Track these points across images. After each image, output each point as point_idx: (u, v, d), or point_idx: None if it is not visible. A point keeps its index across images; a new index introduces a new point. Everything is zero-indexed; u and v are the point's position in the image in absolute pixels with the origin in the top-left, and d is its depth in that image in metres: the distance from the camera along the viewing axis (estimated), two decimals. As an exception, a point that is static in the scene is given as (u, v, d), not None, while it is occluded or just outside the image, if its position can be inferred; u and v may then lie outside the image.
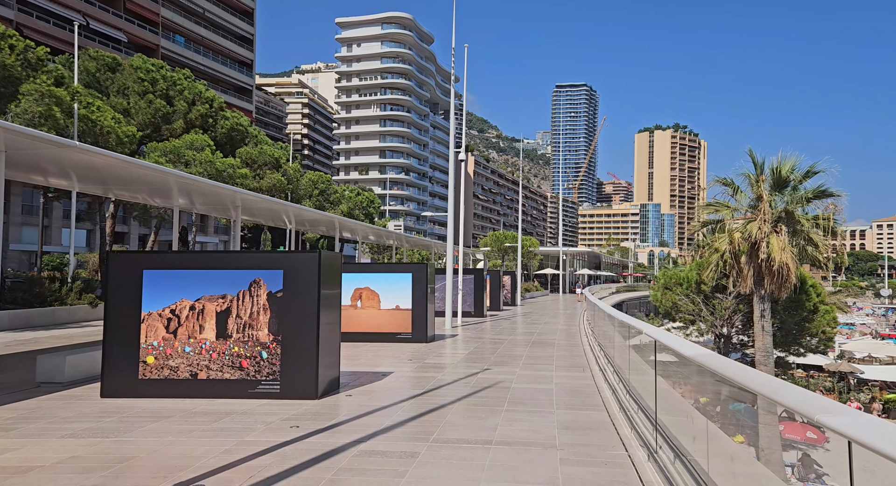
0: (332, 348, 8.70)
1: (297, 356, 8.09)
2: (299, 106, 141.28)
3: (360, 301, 15.43)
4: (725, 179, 19.85)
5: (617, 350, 8.99)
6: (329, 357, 8.57)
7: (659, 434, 5.26)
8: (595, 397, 8.43)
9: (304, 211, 23.22)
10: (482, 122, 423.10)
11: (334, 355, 8.82)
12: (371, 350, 13.50)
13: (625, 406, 7.32)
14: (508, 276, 35.46)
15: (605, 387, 9.14)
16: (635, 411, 6.87)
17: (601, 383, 9.51)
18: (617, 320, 8.78)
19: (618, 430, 6.55)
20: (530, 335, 17.67)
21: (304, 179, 36.90)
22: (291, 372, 8.07)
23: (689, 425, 4.86)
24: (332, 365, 8.70)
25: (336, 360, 8.89)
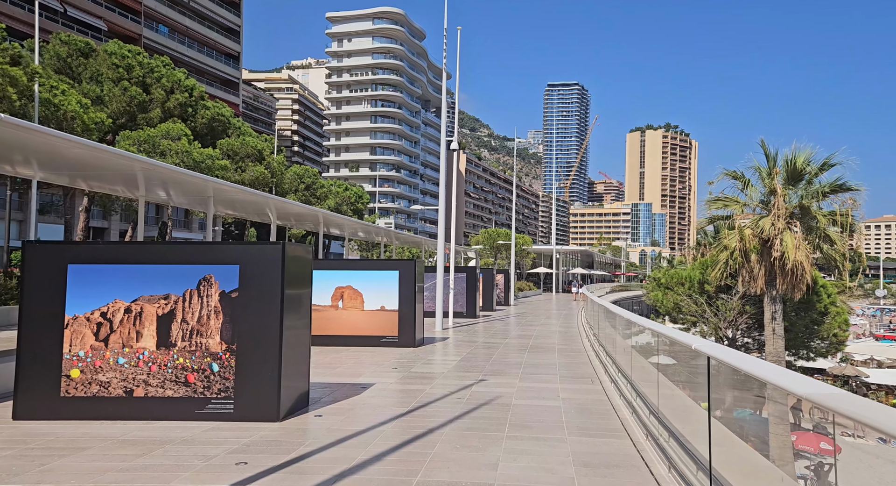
0: (299, 358, 7.31)
1: (256, 369, 6.70)
2: (289, 102, 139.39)
3: (341, 301, 14.04)
4: (735, 172, 18.60)
5: (637, 367, 7.66)
6: (295, 369, 7.18)
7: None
8: (611, 418, 7.09)
9: (286, 204, 21.74)
10: (474, 120, 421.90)
11: (302, 366, 7.44)
12: (352, 356, 12.12)
13: (652, 432, 5.99)
14: (502, 274, 34.16)
15: (622, 404, 7.81)
16: (666, 439, 5.57)
17: (615, 398, 8.19)
18: (645, 329, 7.41)
19: (650, 467, 5.22)
20: (527, 339, 16.34)
21: (288, 172, 35.38)
22: (248, 389, 6.67)
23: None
24: (299, 378, 7.32)
25: (304, 372, 7.51)
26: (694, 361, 6.02)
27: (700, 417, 4.43)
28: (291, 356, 7.03)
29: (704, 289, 23.64)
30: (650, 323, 6.96)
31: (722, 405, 4.45)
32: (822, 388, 2.86)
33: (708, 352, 4.21)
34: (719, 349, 4.21)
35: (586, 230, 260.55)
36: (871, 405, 2.56)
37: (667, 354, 6.11)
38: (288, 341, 6.88)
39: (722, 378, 4.52)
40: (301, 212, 23.91)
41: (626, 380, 8.74)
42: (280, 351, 6.72)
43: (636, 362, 7.71)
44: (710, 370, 4.34)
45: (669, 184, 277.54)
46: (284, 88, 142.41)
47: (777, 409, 7.18)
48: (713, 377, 4.38)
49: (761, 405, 5.67)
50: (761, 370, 3.47)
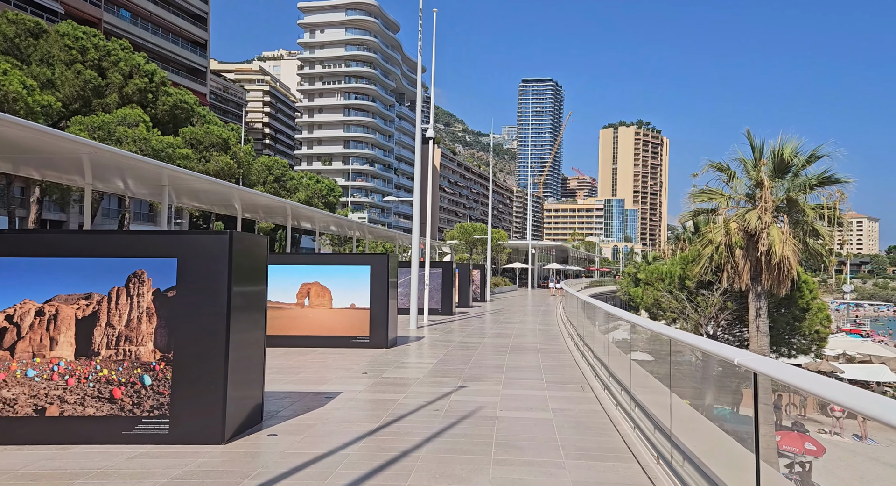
0: (251, 366, 6.27)
1: (197, 382, 5.65)
2: (260, 94, 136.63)
3: (307, 299, 12.96)
4: (720, 163, 18.00)
5: (638, 375, 6.80)
6: (246, 379, 6.14)
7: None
8: (611, 435, 6.22)
9: (251, 195, 20.48)
10: (448, 115, 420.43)
11: (255, 375, 6.39)
12: (318, 359, 11.07)
13: (663, 455, 5.13)
14: (478, 270, 33.33)
15: (619, 416, 6.96)
16: (679, 462, 4.72)
17: (611, 408, 7.34)
18: (656, 335, 6.51)
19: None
20: (507, 337, 15.48)
21: (256, 163, 33.87)
22: (187, 405, 5.61)
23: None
24: (250, 390, 6.27)
25: (258, 381, 6.46)
26: (726, 379, 5.17)
27: (736, 454, 3.56)
28: (241, 365, 5.99)
29: (685, 284, 23.12)
30: (662, 327, 6.09)
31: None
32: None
33: (757, 368, 3.33)
34: (775, 366, 3.32)
35: (560, 226, 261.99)
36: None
37: (683, 366, 5.25)
38: (237, 347, 5.84)
39: (767, 398, 3.66)
40: (268, 203, 22.65)
41: (620, 386, 7.91)
42: (226, 359, 5.67)
43: (637, 372, 6.85)
44: (757, 391, 3.46)
45: (641, 180, 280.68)
46: (255, 79, 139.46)
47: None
48: (762, 402, 3.51)
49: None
50: (850, 398, 2.58)
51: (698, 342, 4.29)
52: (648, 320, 7.19)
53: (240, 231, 6.75)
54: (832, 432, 25.65)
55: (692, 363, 6.37)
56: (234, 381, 5.81)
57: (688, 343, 4.67)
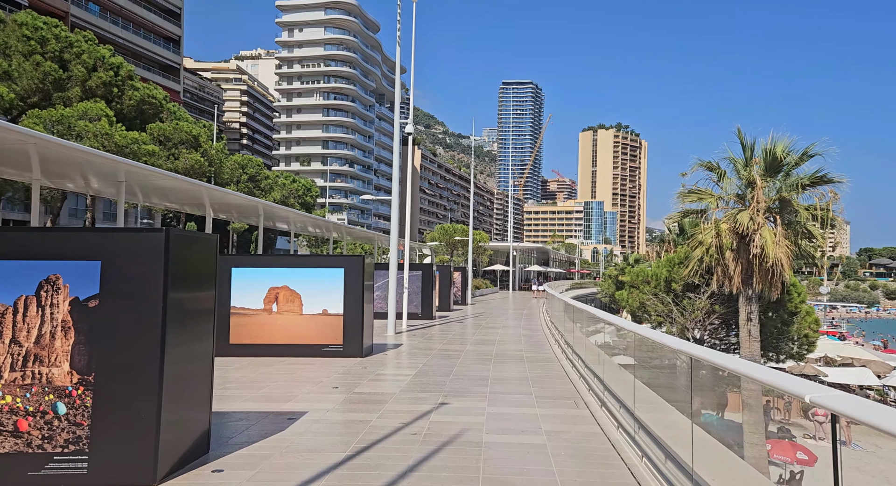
0: (193, 387, 5.31)
1: (122, 409, 4.68)
2: (238, 93, 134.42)
3: (275, 304, 11.96)
4: (710, 162, 17.39)
5: (643, 394, 5.98)
6: (186, 404, 5.18)
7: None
8: (617, 466, 5.38)
9: (221, 193, 19.39)
10: (429, 117, 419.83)
11: (198, 397, 5.43)
12: (286, 371, 10.09)
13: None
14: (459, 272, 32.46)
15: (621, 440, 6.13)
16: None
17: (612, 431, 6.51)
18: (660, 346, 5.66)
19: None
20: (490, 344, 14.63)
21: (228, 161, 32.59)
22: (110, 438, 4.64)
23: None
24: (192, 416, 5.31)
25: (203, 405, 5.50)
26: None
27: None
28: (180, 386, 5.03)
29: (671, 287, 22.52)
30: (681, 343, 5.26)
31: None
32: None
33: (838, 408, 2.51)
34: (859, 406, 2.50)
35: (540, 228, 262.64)
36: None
37: (705, 389, 4.43)
38: (174, 365, 4.88)
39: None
40: (239, 203, 21.55)
41: (619, 403, 7.10)
42: (160, 381, 4.72)
43: (644, 394, 6.03)
44: (835, 434, 2.64)
45: (620, 183, 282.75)
46: (233, 78, 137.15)
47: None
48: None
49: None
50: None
51: (753, 371, 3.39)
52: (663, 334, 6.34)
53: (180, 229, 5.78)
54: (816, 436, 25.27)
55: (702, 379, 5.59)
56: (171, 406, 4.85)
57: (727, 368, 3.83)
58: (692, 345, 4.84)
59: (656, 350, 7.04)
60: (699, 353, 4.34)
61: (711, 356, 4.41)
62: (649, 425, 5.68)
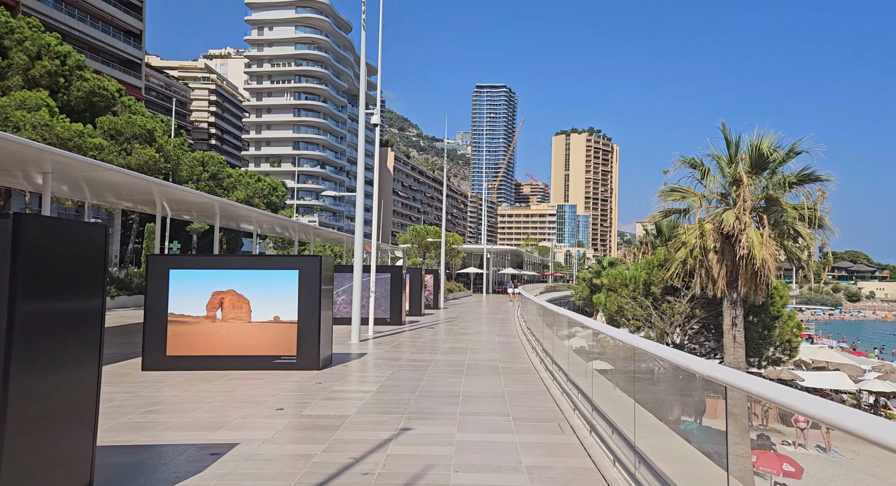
0: (61, 426, 4.02)
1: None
2: (206, 92, 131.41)
3: (220, 311, 10.60)
4: (693, 159, 16.55)
5: (646, 421, 4.88)
6: (49, 450, 3.88)
7: None
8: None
9: (176, 191, 17.89)
10: (402, 120, 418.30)
11: (72, 438, 4.13)
12: (227, 388, 8.77)
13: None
14: (431, 275, 31.26)
15: (619, 478, 5.01)
16: None
17: (606, 465, 5.39)
18: (679, 368, 4.51)
19: None
20: (462, 353, 13.46)
21: (186, 158, 30.79)
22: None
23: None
24: (59, 466, 4.01)
25: (79, 448, 4.19)
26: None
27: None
28: (39, 426, 3.74)
29: (650, 290, 21.69)
30: (707, 366, 4.14)
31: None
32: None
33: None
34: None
35: (513, 231, 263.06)
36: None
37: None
38: (29, 397, 3.59)
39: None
40: (194, 200, 20.01)
41: (611, 427, 6.01)
42: (3, 419, 3.42)
43: (644, 418, 4.92)
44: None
45: (593, 186, 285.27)
46: (200, 77, 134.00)
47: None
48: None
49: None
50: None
51: (704, 371, 2.11)
52: (683, 353, 5.20)
53: (43, 215, 4.48)
54: (796, 443, 24.72)
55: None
56: (21, 455, 3.56)
57: (741, 388, 2.70)
58: (716, 367, 3.73)
59: (663, 370, 5.95)
60: (714, 372, 3.24)
61: (702, 367, 3.32)
62: (656, 462, 4.58)
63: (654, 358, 4.76)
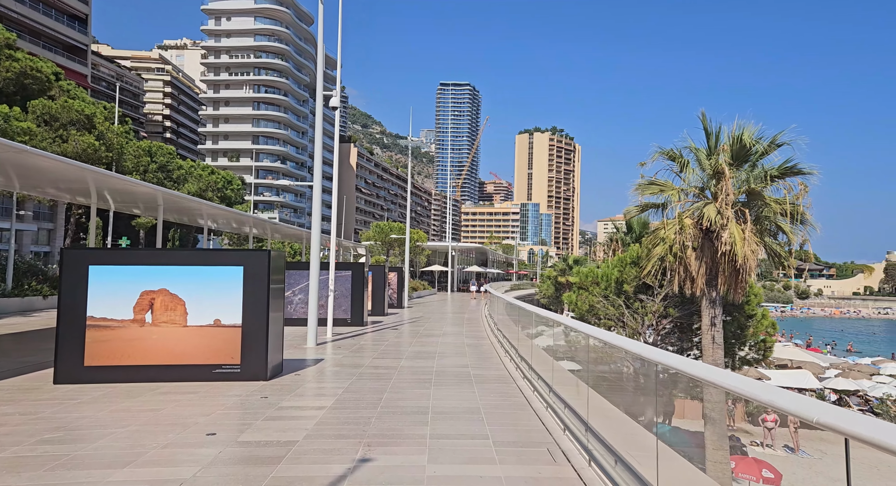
0: None
1: None
2: (160, 84, 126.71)
3: (150, 313, 9.15)
4: (672, 150, 15.75)
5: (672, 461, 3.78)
6: None
7: None
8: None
9: (110, 179, 16.14)
10: (366, 117, 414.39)
11: None
12: (152, 406, 7.38)
13: None
14: (394, 273, 29.98)
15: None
16: None
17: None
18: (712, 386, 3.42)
19: None
20: (430, 358, 12.28)
21: (130, 146, 28.58)
22: None
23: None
24: None
25: None
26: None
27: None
28: None
29: (623, 289, 20.93)
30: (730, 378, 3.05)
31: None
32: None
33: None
34: None
35: (477, 229, 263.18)
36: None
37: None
38: None
39: None
40: (133, 190, 18.23)
41: (613, 455, 4.95)
42: None
43: (651, 443, 3.84)
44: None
45: (555, 185, 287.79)
46: (155, 68, 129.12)
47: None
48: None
49: None
50: None
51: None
52: (710, 367, 4.12)
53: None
54: (764, 443, 24.43)
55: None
56: None
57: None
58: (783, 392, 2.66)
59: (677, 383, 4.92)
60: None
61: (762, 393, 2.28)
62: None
63: (693, 378, 3.66)
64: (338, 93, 15.05)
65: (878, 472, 22.87)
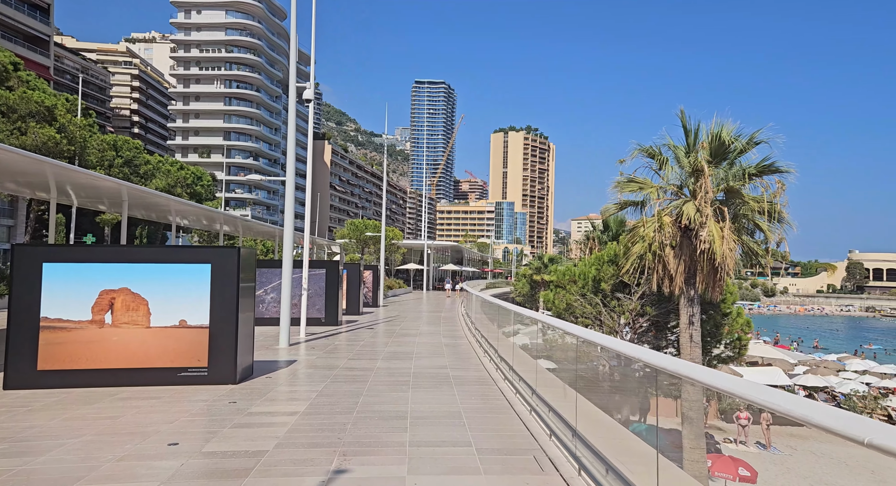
0: None
1: None
2: (128, 78, 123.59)
3: (110, 314, 8.62)
4: (651, 147, 15.65)
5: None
6: None
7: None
8: None
9: (69, 172, 15.37)
10: (340, 114, 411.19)
11: None
12: (110, 413, 6.89)
13: None
14: (370, 271, 29.51)
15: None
16: None
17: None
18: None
19: None
20: (407, 359, 11.93)
21: (94, 140, 27.51)
22: None
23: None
24: None
25: None
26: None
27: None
28: None
29: (600, 287, 20.85)
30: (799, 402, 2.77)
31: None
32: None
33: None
34: None
35: (452, 227, 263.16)
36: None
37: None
38: None
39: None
40: (96, 184, 17.45)
41: (604, 464, 4.69)
42: None
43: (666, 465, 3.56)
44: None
45: (530, 184, 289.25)
46: (122, 61, 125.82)
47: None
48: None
49: None
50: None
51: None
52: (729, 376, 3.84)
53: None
54: (737, 441, 24.66)
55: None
56: None
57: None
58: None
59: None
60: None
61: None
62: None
63: (712, 389, 3.40)
64: (312, 87, 14.59)
65: (847, 467, 23.28)
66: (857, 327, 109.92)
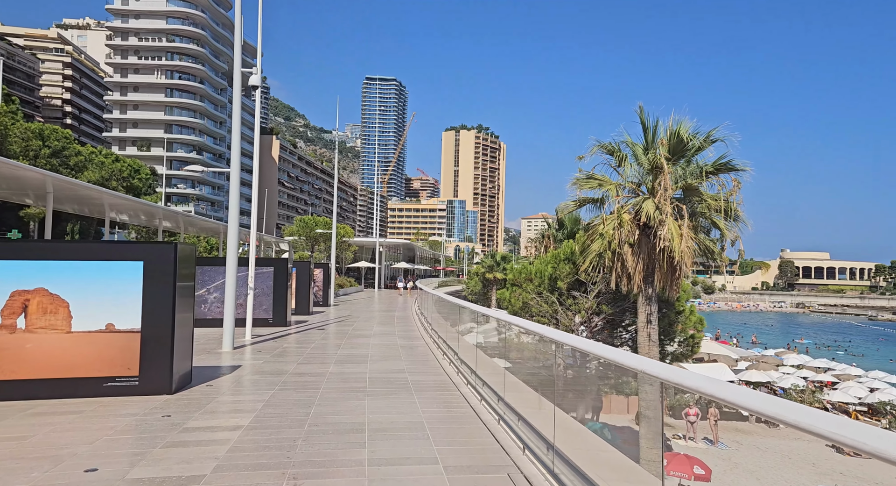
0: None
1: None
2: (59, 66, 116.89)
3: (23, 318, 7.60)
4: (610, 144, 15.46)
5: None
6: None
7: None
8: None
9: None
10: (289, 109, 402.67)
11: None
12: (22, 431, 5.96)
13: None
14: (320, 269, 28.51)
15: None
16: None
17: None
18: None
19: None
20: (362, 363, 11.23)
21: (17, 128, 25.31)
22: None
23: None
24: None
25: None
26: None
27: None
28: None
29: (556, 286, 20.65)
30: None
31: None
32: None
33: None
34: None
35: (404, 225, 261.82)
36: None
37: None
38: None
39: None
40: (17, 175, 15.89)
41: (586, 481, 4.22)
42: None
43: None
44: None
45: (481, 183, 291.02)
46: (52, 48, 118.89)
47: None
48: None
49: None
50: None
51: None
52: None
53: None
54: (687, 437, 25.03)
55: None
56: None
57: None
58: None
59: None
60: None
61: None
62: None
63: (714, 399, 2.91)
64: (258, 73, 13.68)
65: (790, 460, 23.90)
66: (790, 322, 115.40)
